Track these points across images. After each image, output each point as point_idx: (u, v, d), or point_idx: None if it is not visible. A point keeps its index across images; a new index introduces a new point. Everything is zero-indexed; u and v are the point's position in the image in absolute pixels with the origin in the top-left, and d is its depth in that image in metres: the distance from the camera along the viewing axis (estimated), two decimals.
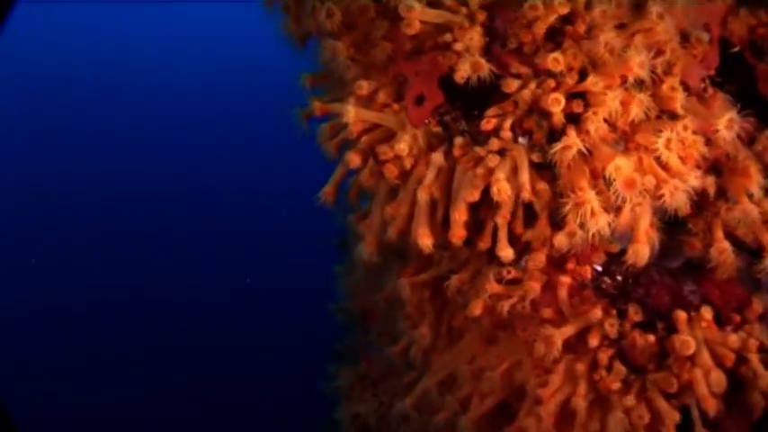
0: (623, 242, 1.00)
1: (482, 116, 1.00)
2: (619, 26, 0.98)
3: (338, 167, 1.10)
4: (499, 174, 0.94)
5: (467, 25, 0.99)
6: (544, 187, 0.95)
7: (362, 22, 1.07)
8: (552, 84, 0.95)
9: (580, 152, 0.92)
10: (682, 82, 0.99)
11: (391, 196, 1.07)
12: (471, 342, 1.13)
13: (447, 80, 1.01)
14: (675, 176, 0.93)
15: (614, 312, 1.02)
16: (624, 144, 0.96)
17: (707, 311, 1.00)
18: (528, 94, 0.95)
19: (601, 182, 0.94)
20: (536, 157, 0.96)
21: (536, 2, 0.94)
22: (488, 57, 0.97)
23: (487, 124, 0.97)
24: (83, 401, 3.72)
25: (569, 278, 1.03)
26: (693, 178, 0.93)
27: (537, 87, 0.95)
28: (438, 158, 0.99)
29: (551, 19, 0.96)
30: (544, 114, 0.95)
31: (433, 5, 1.00)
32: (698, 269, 1.03)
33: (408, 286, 1.14)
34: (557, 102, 0.92)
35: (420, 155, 1.01)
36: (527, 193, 0.93)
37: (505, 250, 0.98)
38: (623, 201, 0.91)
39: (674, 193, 0.92)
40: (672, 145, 0.92)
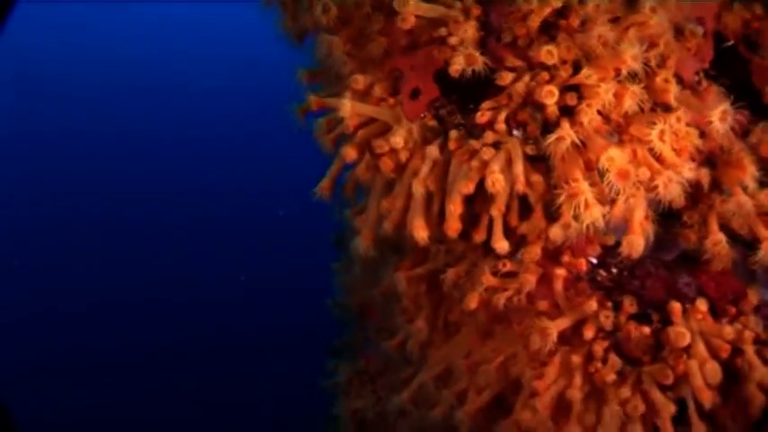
0: (618, 234, 1.00)
1: (477, 109, 1.00)
2: (612, 20, 0.99)
3: (335, 162, 1.11)
4: (494, 166, 0.94)
5: (461, 19, 1.00)
6: (538, 179, 0.95)
7: (358, 18, 1.08)
8: (546, 76, 0.95)
9: (574, 144, 0.92)
10: (676, 75, 0.99)
11: (387, 190, 1.07)
12: (467, 336, 1.13)
13: (442, 74, 1.02)
14: (669, 168, 0.93)
15: (609, 305, 1.02)
16: (618, 136, 0.96)
17: (702, 303, 1.00)
18: (522, 87, 0.95)
19: (595, 174, 0.94)
20: (530, 150, 0.97)
21: None
22: (483, 50, 0.98)
23: (482, 117, 0.98)
24: (83, 402, 3.72)
25: (565, 271, 1.04)
26: (687, 170, 0.94)
27: (531, 80, 0.96)
28: (433, 151, 1.00)
29: (545, 12, 0.97)
30: (538, 107, 0.96)
31: (429, 0, 1.01)
32: (693, 261, 1.03)
33: (405, 280, 1.14)
34: (550, 94, 0.93)
35: (415, 148, 1.02)
36: (521, 185, 0.94)
37: (500, 242, 0.98)
38: (617, 192, 0.92)
39: (668, 185, 0.92)
40: (665, 137, 0.93)
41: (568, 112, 0.95)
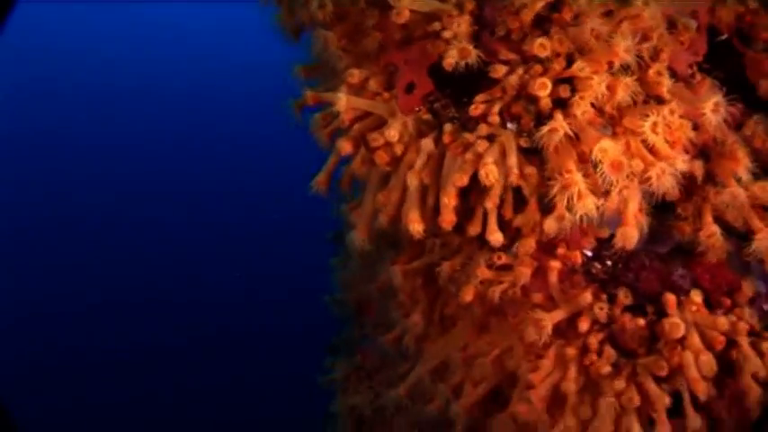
0: (613, 227, 1.01)
1: (471, 103, 1.01)
2: (606, 13, 0.99)
3: (331, 156, 1.11)
4: (488, 158, 0.95)
5: (455, 14, 1.00)
6: (532, 171, 0.96)
7: (353, 13, 1.09)
8: (539, 69, 0.96)
9: (567, 136, 0.93)
10: (669, 68, 1.00)
11: (383, 184, 1.08)
12: (464, 329, 1.13)
13: (437, 68, 1.03)
14: (663, 160, 0.93)
15: (604, 297, 1.03)
16: (612, 128, 0.97)
17: (696, 295, 1.00)
18: (515, 80, 0.96)
19: (589, 166, 0.94)
20: (524, 142, 0.97)
21: None
22: (477, 44, 0.98)
23: (475, 110, 0.98)
24: (83, 402, 3.73)
25: (559, 263, 1.04)
26: (681, 162, 0.94)
27: (524, 73, 0.96)
28: (428, 144, 1.01)
29: (538, 6, 0.97)
30: (531, 99, 0.96)
31: None
32: (688, 254, 1.03)
33: (401, 274, 1.15)
34: (543, 86, 0.93)
35: (410, 141, 1.02)
36: (515, 177, 0.94)
37: (495, 234, 0.99)
38: (610, 184, 0.92)
39: (661, 176, 0.93)
40: (658, 129, 0.93)
41: (562, 105, 0.96)
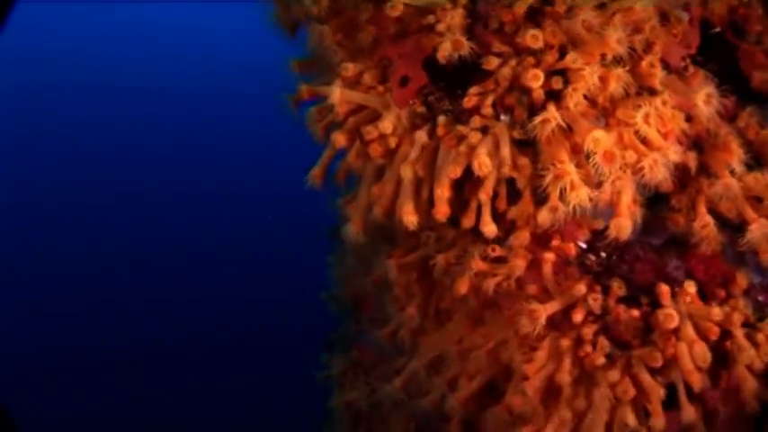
0: (607, 219, 1.01)
1: (465, 95, 1.01)
2: (598, 6, 1.00)
3: (326, 150, 1.12)
4: (481, 149, 0.95)
5: (449, 7, 1.01)
6: (525, 162, 0.96)
7: (348, 7, 1.09)
8: (532, 61, 0.96)
9: (560, 127, 0.93)
10: (662, 60, 1.00)
11: (378, 177, 1.08)
12: (459, 323, 1.14)
13: (431, 62, 1.03)
14: (655, 151, 0.94)
15: (598, 288, 1.03)
16: (605, 120, 0.97)
17: (690, 286, 1.00)
18: (508, 72, 0.96)
19: (582, 157, 0.95)
20: (517, 134, 0.97)
21: None
22: (470, 37, 0.99)
23: (469, 102, 0.99)
24: (83, 402, 3.73)
25: (554, 255, 1.04)
26: (673, 153, 0.94)
27: (517, 65, 0.97)
28: (422, 137, 1.01)
29: None
30: (524, 91, 0.97)
31: None
32: (682, 245, 1.03)
33: (396, 267, 1.15)
34: (536, 77, 0.94)
35: (404, 134, 1.03)
36: (508, 168, 0.95)
37: (489, 226, 0.99)
38: (603, 175, 0.92)
39: (654, 167, 0.93)
40: (650, 119, 0.93)
41: (555, 97, 0.96)
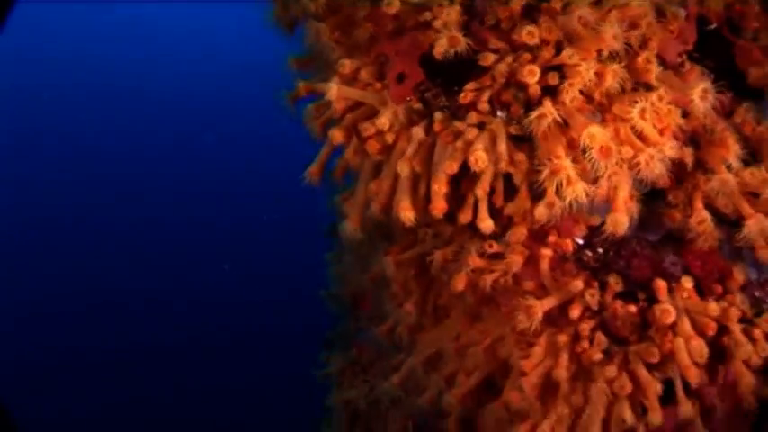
0: (603, 215, 1.01)
1: (462, 92, 1.01)
2: (595, 2, 1.00)
3: (324, 147, 1.12)
4: (477, 145, 0.95)
5: (445, 4, 1.01)
6: (522, 158, 0.96)
7: (346, 4, 1.10)
8: (528, 57, 0.96)
9: (556, 122, 0.93)
10: (659, 56, 1.00)
11: (375, 174, 1.09)
12: (456, 320, 1.14)
13: (428, 58, 1.03)
14: (652, 146, 0.94)
15: (595, 284, 1.03)
16: (601, 116, 0.97)
17: (687, 281, 1.00)
18: (504, 68, 0.97)
19: (578, 152, 0.95)
20: (514, 130, 0.98)
21: None
22: (467, 33, 0.99)
23: (465, 98, 0.99)
24: (83, 402, 3.74)
25: (551, 251, 1.04)
26: (669, 148, 0.95)
27: (514, 61, 0.97)
28: (418, 133, 1.01)
29: None
30: (521, 87, 0.97)
31: None
32: (678, 241, 1.03)
33: (393, 264, 1.15)
34: (532, 73, 0.94)
35: (401, 130, 1.03)
36: (504, 163, 0.95)
37: (485, 222, 0.99)
38: (600, 169, 0.92)
39: (650, 162, 0.93)
40: (646, 115, 0.94)
41: (551, 93, 0.96)
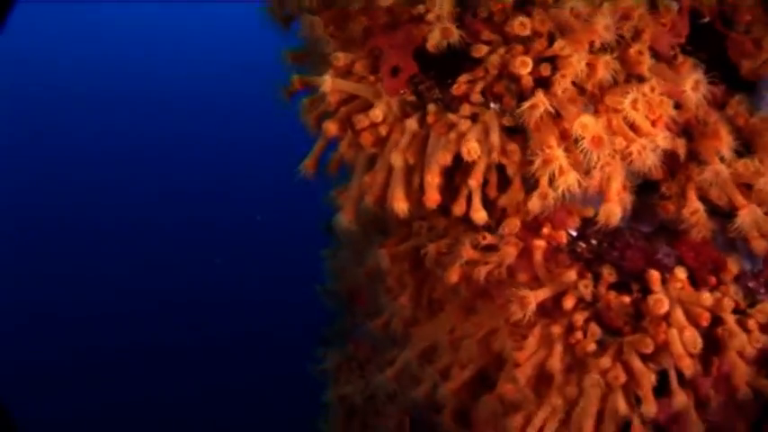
0: (597, 206, 1.01)
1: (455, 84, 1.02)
2: None
3: (318, 140, 1.12)
4: (470, 135, 0.96)
5: None
6: (515, 148, 0.97)
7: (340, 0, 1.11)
8: (521, 49, 0.97)
9: (549, 113, 0.93)
10: (651, 49, 1.01)
11: (370, 167, 1.09)
12: (451, 313, 1.14)
13: (421, 52, 1.04)
14: (644, 137, 0.94)
15: (589, 275, 1.03)
16: (593, 107, 0.97)
17: (681, 271, 1.00)
18: (497, 59, 0.97)
19: (571, 143, 0.95)
20: (507, 121, 0.98)
21: None
22: (460, 25, 1.00)
23: (458, 89, 0.99)
24: (83, 402, 3.74)
25: (544, 243, 1.04)
26: (662, 138, 0.95)
27: (506, 53, 0.97)
28: (412, 125, 1.01)
29: None
30: (513, 78, 0.97)
31: None
32: (672, 233, 1.03)
33: (388, 257, 1.15)
34: (524, 64, 0.94)
35: (395, 122, 1.03)
36: (497, 153, 0.95)
37: (479, 213, 0.99)
38: (592, 160, 0.92)
39: (642, 152, 0.93)
40: (638, 105, 0.94)
41: (544, 84, 0.97)
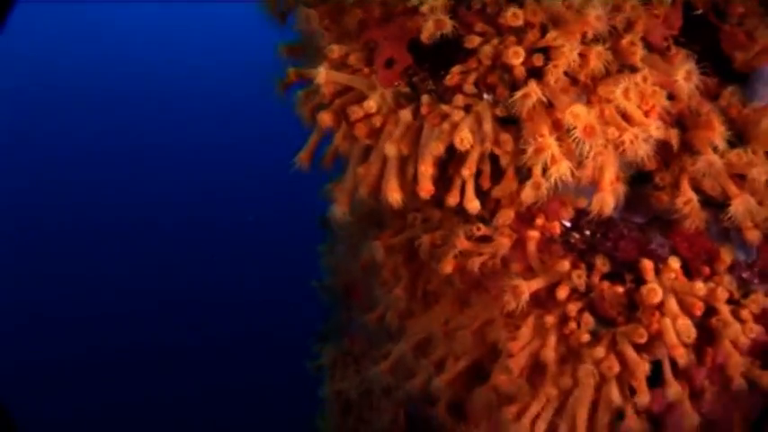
0: (590, 197, 1.01)
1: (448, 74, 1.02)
2: None
3: (313, 133, 1.13)
4: (463, 125, 0.96)
5: None
6: (507, 138, 0.97)
7: None
8: (514, 40, 0.98)
9: (541, 102, 0.94)
10: (644, 40, 1.01)
11: (364, 159, 1.09)
12: (446, 305, 1.14)
13: (416, 44, 1.05)
14: (636, 126, 0.94)
15: (582, 266, 1.03)
16: (586, 97, 0.98)
17: (674, 261, 1.00)
18: (490, 50, 0.98)
19: (563, 133, 0.95)
20: (500, 112, 0.98)
21: None
22: (453, 17, 1.00)
23: (451, 80, 1.00)
24: (83, 402, 3.74)
25: (538, 233, 1.04)
26: (655, 128, 0.95)
27: (499, 44, 0.98)
28: (406, 115, 1.02)
29: None
30: (506, 69, 0.98)
31: None
32: (666, 223, 1.03)
33: (382, 249, 1.15)
34: (517, 54, 0.95)
35: (389, 114, 1.04)
36: (490, 143, 0.96)
37: (472, 202, 1.00)
38: (584, 149, 0.93)
39: (635, 142, 0.93)
40: (630, 94, 0.94)
41: (536, 75, 0.97)
